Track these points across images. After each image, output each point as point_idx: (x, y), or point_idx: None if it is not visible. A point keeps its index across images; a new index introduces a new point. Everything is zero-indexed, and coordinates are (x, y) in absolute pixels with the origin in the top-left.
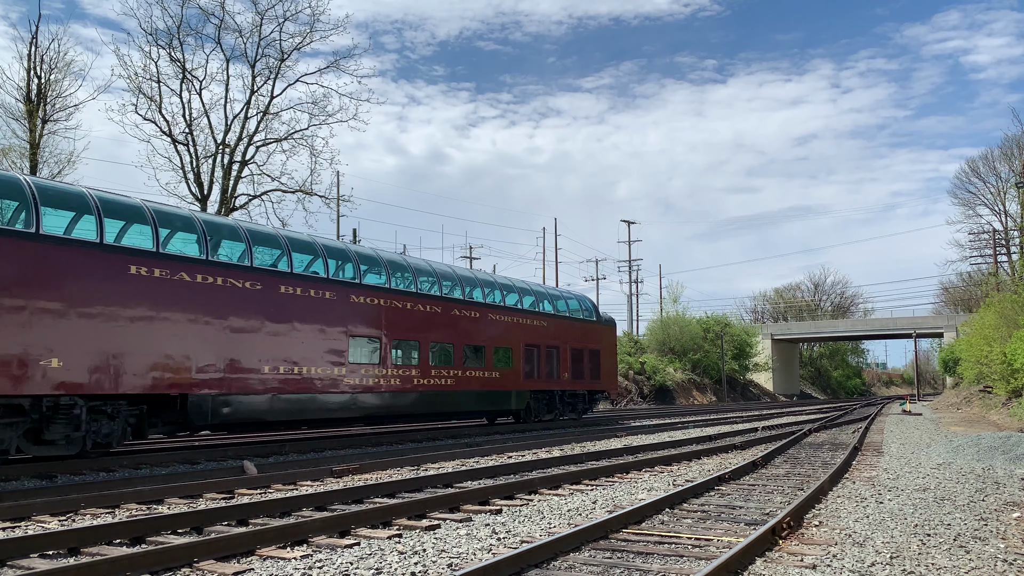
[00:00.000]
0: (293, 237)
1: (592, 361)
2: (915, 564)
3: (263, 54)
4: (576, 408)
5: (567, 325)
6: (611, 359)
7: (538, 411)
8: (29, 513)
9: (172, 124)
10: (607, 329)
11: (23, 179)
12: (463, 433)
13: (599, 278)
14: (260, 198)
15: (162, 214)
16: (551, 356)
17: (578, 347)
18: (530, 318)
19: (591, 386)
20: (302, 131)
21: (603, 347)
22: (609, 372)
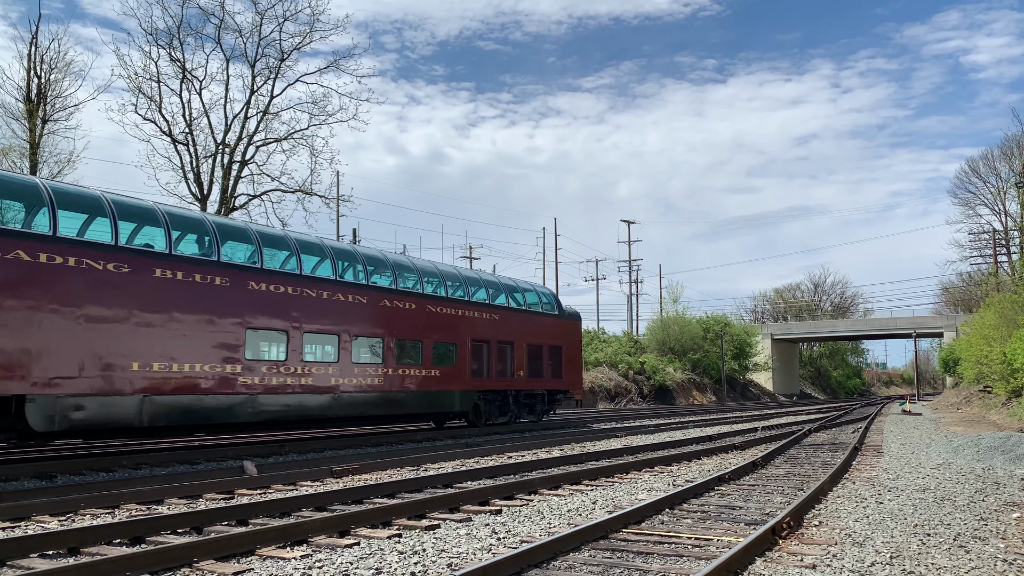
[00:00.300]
0: (174, 212)
1: (553, 359)
2: (915, 564)
3: (263, 54)
4: (535, 410)
5: (523, 319)
6: (575, 356)
7: (489, 413)
8: (29, 513)
9: (172, 124)
10: (570, 324)
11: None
12: (463, 433)
13: (599, 278)
14: (260, 198)
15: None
16: (504, 353)
17: (536, 343)
18: (478, 311)
19: (552, 385)
20: (302, 131)
21: (566, 343)
22: (573, 370)
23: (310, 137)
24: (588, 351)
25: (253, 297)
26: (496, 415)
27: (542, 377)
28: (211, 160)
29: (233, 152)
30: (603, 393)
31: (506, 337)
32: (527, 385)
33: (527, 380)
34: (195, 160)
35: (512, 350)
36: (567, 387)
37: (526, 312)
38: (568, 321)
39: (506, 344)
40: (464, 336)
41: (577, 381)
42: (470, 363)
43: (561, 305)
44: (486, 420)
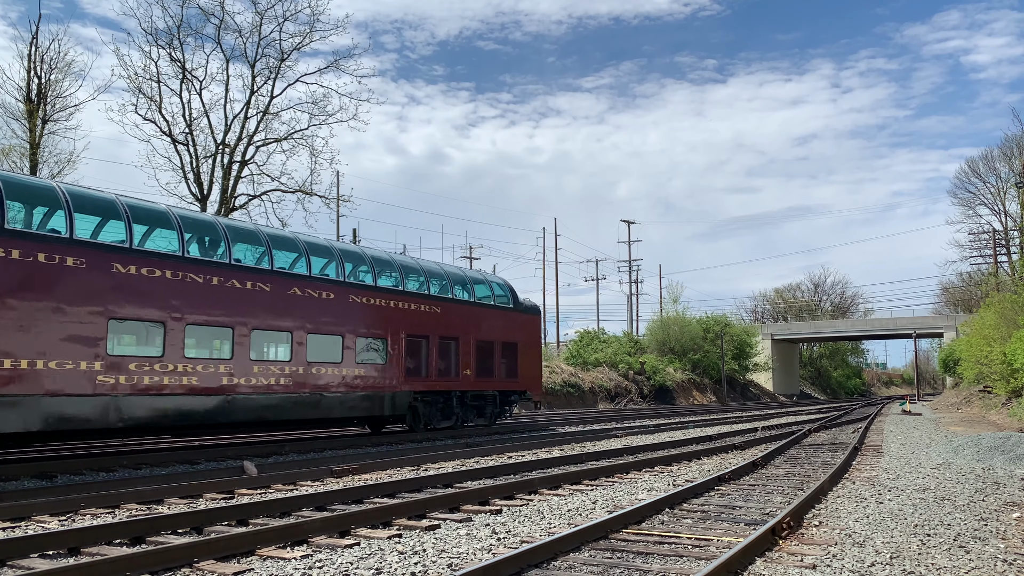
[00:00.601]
0: (12, 179)
1: (507, 356)
2: (915, 564)
3: (263, 54)
4: (485, 412)
5: (472, 313)
6: (533, 354)
7: (430, 417)
8: (29, 513)
9: (172, 124)
10: (528, 319)
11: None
12: (463, 433)
13: (599, 278)
14: (260, 198)
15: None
16: (448, 350)
17: (487, 339)
18: (416, 302)
19: (505, 386)
20: (302, 131)
21: (522, 340)
22: (530, 369)
23: (310, 137)
24: (588, 351)
25: (120, 283)
26: (438, 419)
27: (493, 377)
28: (211, 160)
29: (233, 152)
30: (603, 393)
31: (450, 332)
32: (475, 385)
33: (475, 380)
34: (195, 160)
35: (457, 347)
36: (524, 388)
37: (475, 305)
38: (525, 315)
39: (450, 340)
40: (397, 330)
41: (535, 381)
42: (404, 361)
43: (517, 297)
44: (426, 424)
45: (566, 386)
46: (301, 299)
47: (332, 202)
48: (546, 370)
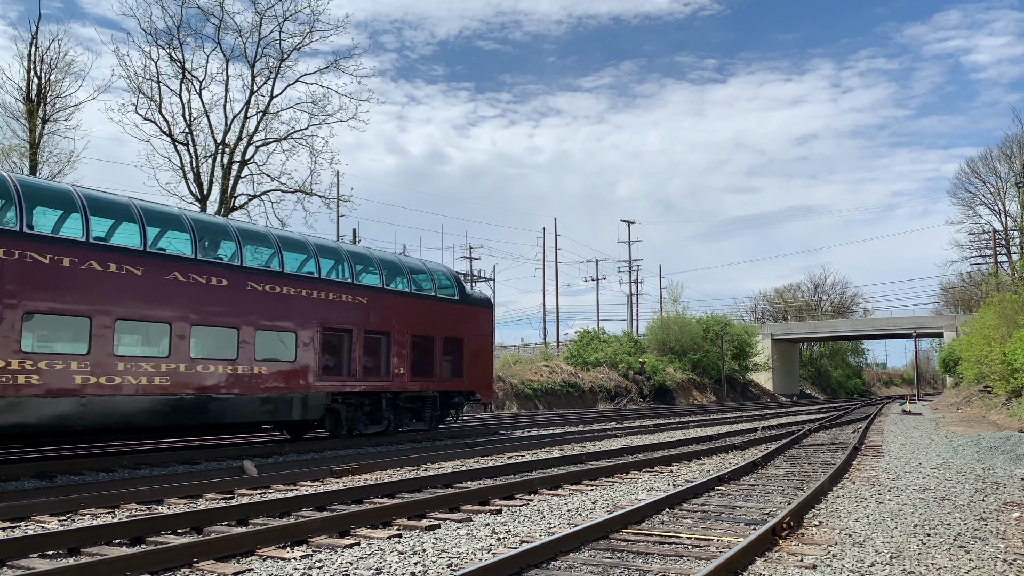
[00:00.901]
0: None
1: (452, 354)
2: (915, 564)
3: (263, 54)
4: (423, 416)
5: (406, 304)
6: (483, 351)
7: (354, 421)
8: (29, 513)
9: (172, 124)
10: (477, 312)
11: None
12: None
13: (599, 278)
14: (260, 198)
15: None
16: (376, 346)
17: (425, 334)
18: (335, 292)
19: (449, 386)
20: (302, 131)
21: (470, 335)
22: (479, 368)
23: (310, 137)
24: (588, 351)
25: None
26: (365, 423)
27: (433, 376)
28: (211, 160)
29: (233, 152)
30: (603, 393)
31: (379, 325)
32: (411, 386)
33: (411, 380)
34: (195, 160)
35: (388, 342)
36: (471, 388)
37: (411, 296)
38: (474, 308)
39: (379, 334)
40: (310, 323)
41: (485, 381)
42: (319, 358)
43: (464, 288)
44: (350, 429)
45: (566, 386)
46: (184, 285)
47: (332, 202)
48: (546, 370)
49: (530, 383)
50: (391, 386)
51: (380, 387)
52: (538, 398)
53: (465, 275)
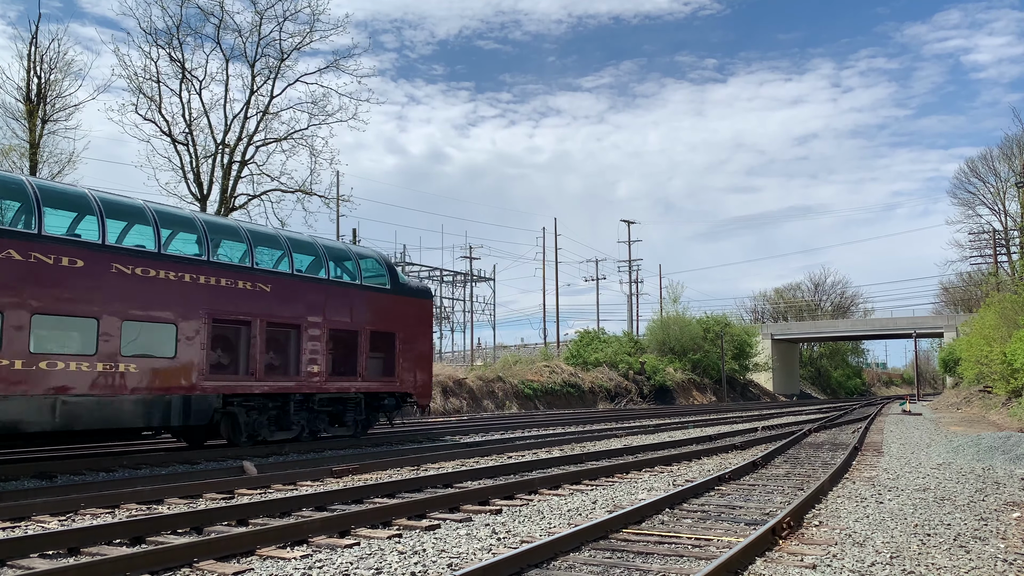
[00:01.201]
0: None
1: (381, 350)
2: (915, 564)
3: (263, 54)
4: (345, 421)
5: (324, 293)
6: (419, 348)
7: (255, 426)
8: (29, 513)
9: (172, 124)
10: (412, 303)
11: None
12: (462, 432)
13: (599, 278)
14: (260, 198)
15: None
16: (284, 340)
17: (346, 328)
18: (229, 277)
19: (377, 387)
20: (302, 131)
21: (403, 330)
22: (415, 367)
23: (310, 137)
24: (588, 351)
25: None
26: (271, 429)
27: (357, 375)
28: (211, 160)
29: (233, 152)
30: (603, 393)
31: (287, 317)
32: (329, 386)
33: (329, 379)
34: (195, 160)
35: (299, 337)
36: (405, 390)
37: (330, 283)
38: (409, 299)
39: (287, 327)
40: (194, 313)
41: (422, 381)
42: (207, 354)
43: (398, 276)
44: (252, 436)
45: (566, 386)
46: (23, 266)
47: (332, 202)
48: (546, 370)
49: (530, 383)
50: (303, 387)
51: (288, 388)
52: (538, 398)
53: (465, 275)
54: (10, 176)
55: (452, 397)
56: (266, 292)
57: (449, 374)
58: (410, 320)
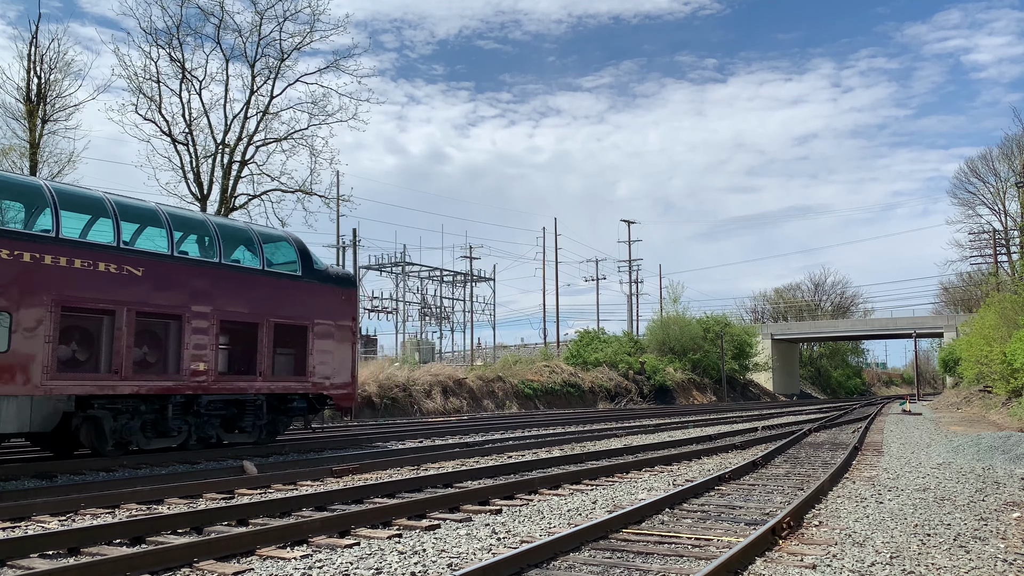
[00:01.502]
0: None
1: (290, 345)
2: (915, 564)
3: (263, 54)
4: (244, 426)
5: (214, 278)
6: (339, 343)
7: (127, 432)
8: (29, 513)
9: (172, 124)
10: (330, 292)
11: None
12: (462, 431)
13: (599, 278)
14: (260, 198)
15: None
16: (162, 332)
17: (247, 319)
18: (84, 257)
19: (285, 387)
20: (302, 131)
21: (318, 322)
22: (333, 364)
23: (310, 137)
24: (588, 351)
25: None
26: (147, 436)
27: (256, 374)
28: (211, 160)
29: (233, 152)
30: (603, 393)
31: (164, 306)
32: (219, 386)
33: (219, 379)
34: (195, 160)
35: (180, 328)
36: (320, 391)
37: (222, 267)
38: (326, 287)
39: (165, 318)
40: (36, 300)
41: (342, 381)
42: (53, 348)
43: (313, 261)
44: (122, 444)
45: (566, 386)
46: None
47: (332, 202)
48: (546, 370)
49: (530, 383)
50: (185, 387)
51: (166, 388)
52: (538, 398)
53: (465, 275)
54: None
55: (452, 397)
56: (136, 276)
57: (449, 374)
58: (328, 311)
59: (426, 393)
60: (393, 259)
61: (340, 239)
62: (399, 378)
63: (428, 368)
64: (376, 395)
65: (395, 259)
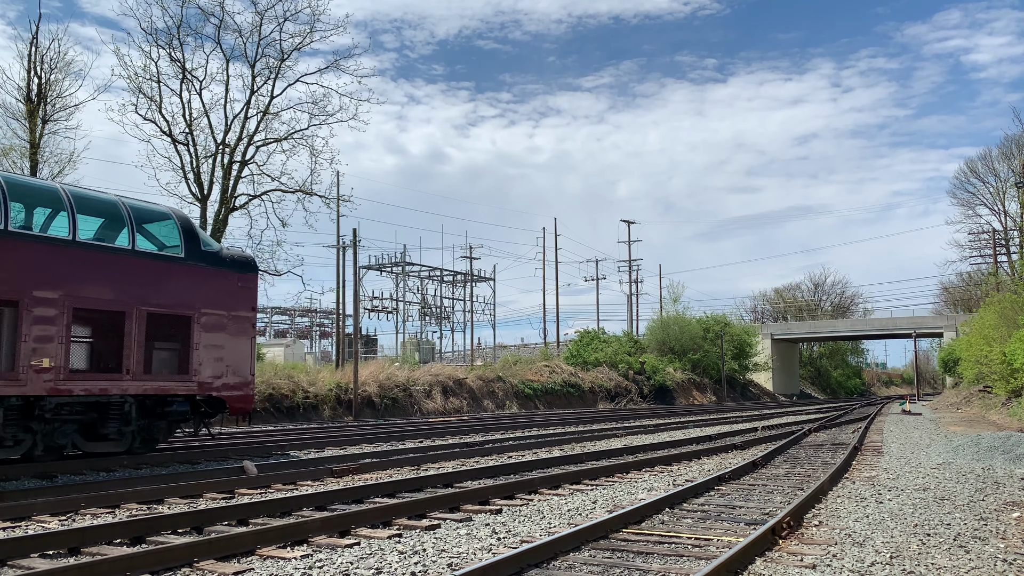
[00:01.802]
0: None
1: (171, 338)
2: (915, 564)
3: (263, 54)
4: (108, 433)
5: (65, 257)
6: (232, 336)
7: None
8: (29, 513)
9: (172, 124)
10: (222, 277)
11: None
12: (461, 431)
13: (599, 278)
14: (260, 198)
15: None
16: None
17: (109, 308)
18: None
19: (161, 387)
20: (302, 131)
21: (204, 312)
22: (224, 361)
23: (310, 137)
24: (588, 351)
25: None
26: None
27: (123, 372)
28: (211, 160)
29: (233, 152)
30: (603, 393)
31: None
32: (69, 387)
33: (69, 378)
34: (195, 160)
35: (17, 317)
36: (206, 392)
37: (74, 245)
38: (215, 272)
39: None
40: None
41: (236, 381)
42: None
43: (199, 242)
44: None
45: (566, 386)
46: None
47: (332, 202)
48: (546, 370)
49: (530, 383)
50: (23, 388)
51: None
52: (538, 398)
53: (465, 275)
54: None
55: (452, 397)
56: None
57: (449, 374)
58: (219, 300)
59: (426, 393)
60: (393, 259)
61: (340, 239)
62: (399, 378)
63: (428, 368)
64: (376, 395)
65: (395, 259)
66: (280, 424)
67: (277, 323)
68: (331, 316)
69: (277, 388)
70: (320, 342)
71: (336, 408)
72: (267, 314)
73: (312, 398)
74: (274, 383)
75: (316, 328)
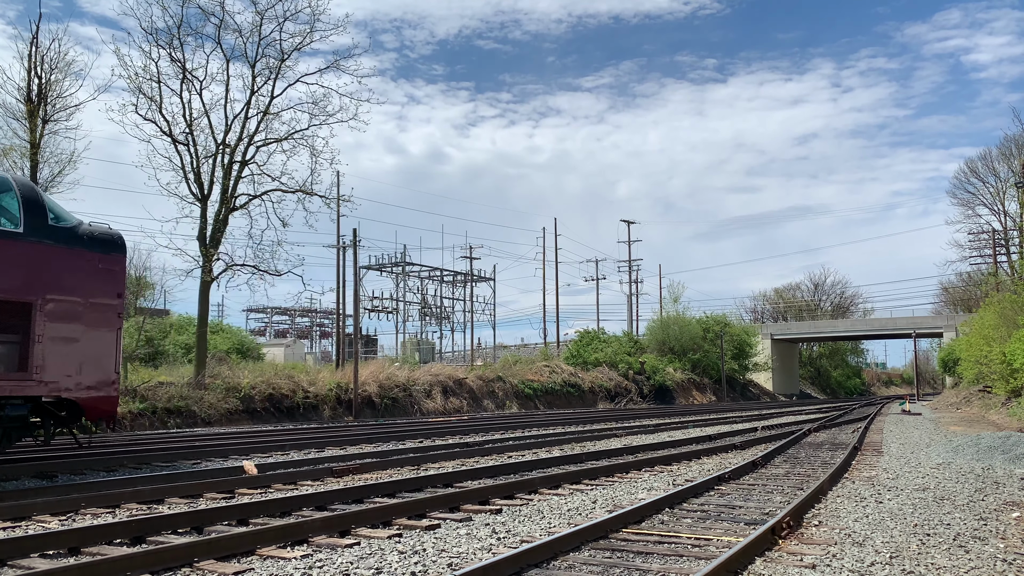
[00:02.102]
0: None
1: (7, 329)
2: (915, 564)
3: (263, 54)
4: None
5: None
6: (90, 327)
7: None
8: (29, 513)
9: (172, 124)
10: (74, 257)
11: None
12: (461, 431)
13: (599, 278)
14: (260, 198)
15: None
16: None
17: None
18: None
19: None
20: (302, 131)
21: (51, 298)
22: (79, 357)
23: (310, 137)
24: (588, 351)
25: None
26: None
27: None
28: (211, 160)
29: (233, 152)
30: (603, 393)
31: None
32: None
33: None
34: (195, 160)
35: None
36: (58, 393)
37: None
38: (66, 250)
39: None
40: None
41: (94, 381)
42: None
43: (45, 214)
44: None
45: (566, 386)
46: None
47: (332, 202)
48: (546, 370)
49: (530, 383)
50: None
51: None
52: (538, 398)
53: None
54: None
55: (452, 397)
56: None
57: (449, 374)
58: (72, 284)
59: (426, 393)
60: (393, 259)
61: (340, 239)
62: (399, 378)
63: (428, 368)
64: (376, 395)
65: (395, 259)
66: (280, 424)
67: (277, 323)
68: (331, 316)
69: (277, 388)
70: (320, 342)
71: (336, 408)
72: (267, 314)
73: (312, 398)
74: (274, 383)
75: (316, 328)
